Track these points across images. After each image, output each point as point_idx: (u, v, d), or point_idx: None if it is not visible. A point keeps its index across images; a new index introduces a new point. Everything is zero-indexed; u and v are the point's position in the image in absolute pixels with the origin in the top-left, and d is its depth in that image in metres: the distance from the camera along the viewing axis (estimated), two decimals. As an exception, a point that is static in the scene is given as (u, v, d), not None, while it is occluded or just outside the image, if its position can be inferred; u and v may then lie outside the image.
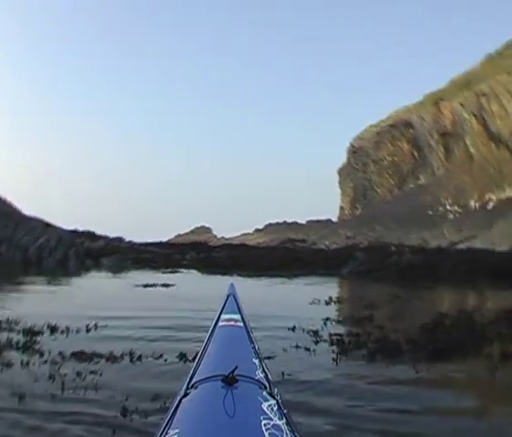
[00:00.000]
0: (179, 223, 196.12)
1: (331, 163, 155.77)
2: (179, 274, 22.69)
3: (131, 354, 6.97)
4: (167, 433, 1.24)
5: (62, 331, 8.58)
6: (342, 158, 74.70)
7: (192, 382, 1.53)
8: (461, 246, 35.09)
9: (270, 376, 1.65)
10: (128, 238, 38.23)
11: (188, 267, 26.03)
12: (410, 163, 63.60)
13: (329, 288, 17.84)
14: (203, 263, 26.77)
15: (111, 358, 6.82)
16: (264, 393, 1.48)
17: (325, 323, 10.09)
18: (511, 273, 18.08)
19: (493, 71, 58.25)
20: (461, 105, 58.68)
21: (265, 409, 1.35)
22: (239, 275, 21.59)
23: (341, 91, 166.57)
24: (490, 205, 49.98)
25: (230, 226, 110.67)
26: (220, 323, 2.04)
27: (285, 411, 1.44)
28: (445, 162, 59.45)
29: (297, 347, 7.82)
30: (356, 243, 44.60)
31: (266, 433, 1.21)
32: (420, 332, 8.95)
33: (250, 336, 1.98)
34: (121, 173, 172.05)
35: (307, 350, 7.69)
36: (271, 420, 1.29)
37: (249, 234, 72.75)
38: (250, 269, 23.23)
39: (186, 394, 1.47)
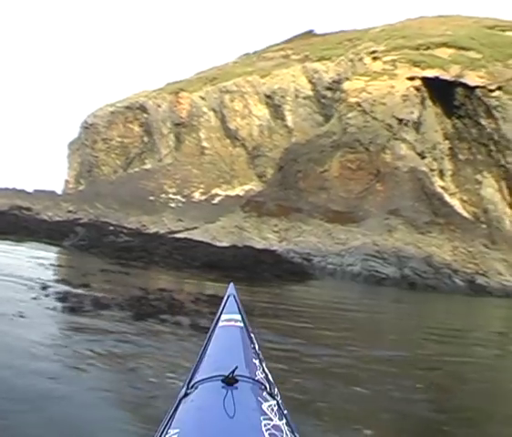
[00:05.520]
0: None
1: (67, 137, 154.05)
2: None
3: None
4: (167, 433, 1.30)
5: None
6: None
7: (192, 383, 1.59)
8: (180, 235, 38.41)
9: (270, 376, 1.72)
10: None
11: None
12: (139, 147, 66.13)
13: (53, 256, 20.71)
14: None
15: None
16: (264, 394, 1.55)
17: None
18: (226, 266, 21.56)
19: (245, 71, 64.19)
20: (201, 98, 63.36)
21: (265, 409, 1.42)
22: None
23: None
24: (216, 199, 54.93)
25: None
26: (220, 323, 2.10)
27: (285, 412, 1.50)
28: (174, 151, 63.38)
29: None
30: (77, 218, 45.46)
31: (266, 434, 1.27)
32: (129, 301, 11.36)
33: (250, 336, 2.03)
34: None
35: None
36: (272, 420, 1.35)
37: (-22, 195, 68.72)
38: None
39: (186, 394, 1.53)
